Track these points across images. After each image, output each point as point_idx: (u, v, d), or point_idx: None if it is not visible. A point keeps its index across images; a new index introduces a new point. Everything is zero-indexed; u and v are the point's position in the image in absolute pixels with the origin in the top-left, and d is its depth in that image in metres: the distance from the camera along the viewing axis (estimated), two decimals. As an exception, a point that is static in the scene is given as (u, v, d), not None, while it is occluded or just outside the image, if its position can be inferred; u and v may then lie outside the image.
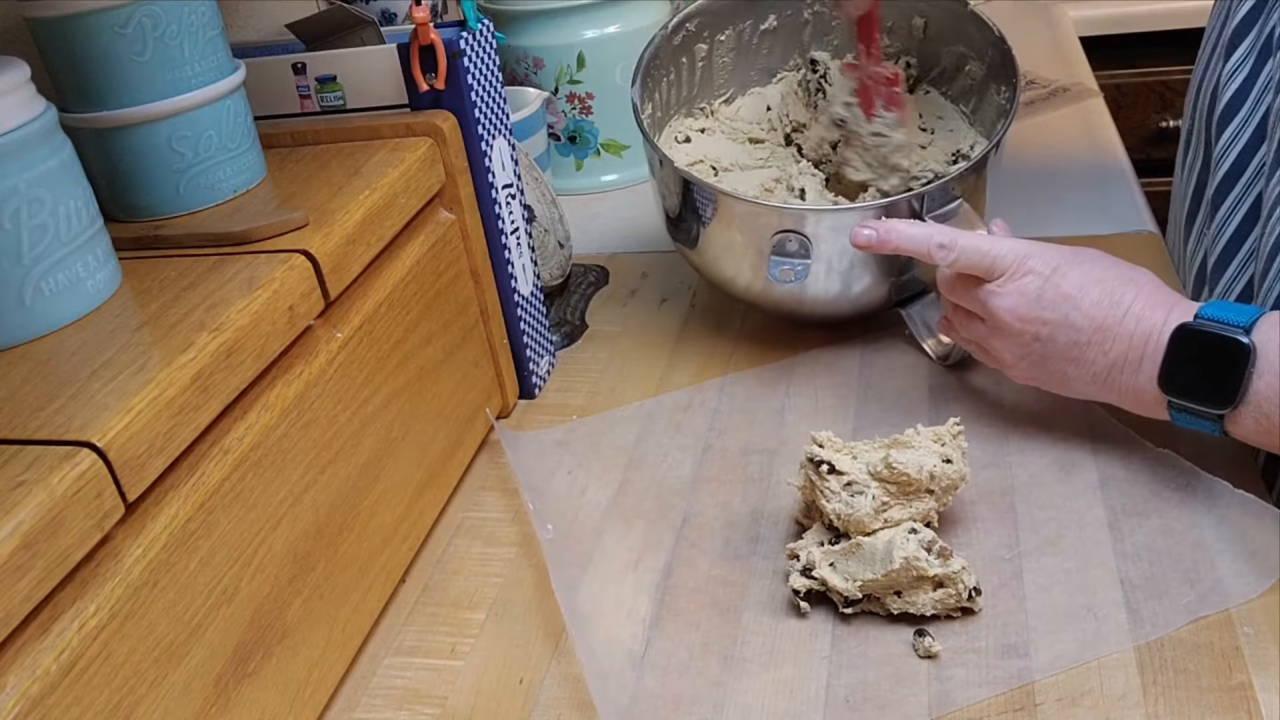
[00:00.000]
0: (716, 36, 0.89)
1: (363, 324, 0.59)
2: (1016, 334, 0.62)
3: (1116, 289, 0.60)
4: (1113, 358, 0.59)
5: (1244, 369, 0.54)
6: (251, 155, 0.63)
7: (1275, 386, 0.54)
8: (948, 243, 0.64)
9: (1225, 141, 0.70)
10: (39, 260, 0.49)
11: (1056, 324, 0.61)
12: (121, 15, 0.55)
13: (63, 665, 0.39)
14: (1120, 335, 0.59)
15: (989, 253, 0.63)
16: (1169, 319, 0.58)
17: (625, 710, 0.53)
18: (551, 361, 0.82)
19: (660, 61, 0.85)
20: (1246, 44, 0.70)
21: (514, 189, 0.74)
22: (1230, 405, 0.55)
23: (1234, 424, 0.56)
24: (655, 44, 0.84)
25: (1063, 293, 0.61)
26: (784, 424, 0.72)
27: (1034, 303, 0.61)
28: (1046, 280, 0.61)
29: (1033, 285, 0.61)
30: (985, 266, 0.63)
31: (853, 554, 0.56)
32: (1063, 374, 0.62)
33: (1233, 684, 0.50)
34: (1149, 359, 0.58)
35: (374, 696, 0.57)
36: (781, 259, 0.72)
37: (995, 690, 0.51)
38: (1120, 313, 0.59)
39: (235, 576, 0.48)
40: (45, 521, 0.38)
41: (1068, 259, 0.62)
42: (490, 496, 0.70)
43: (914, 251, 0.65)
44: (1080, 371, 0.61)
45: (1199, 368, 0.56)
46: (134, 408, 0.43)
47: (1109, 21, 1.51)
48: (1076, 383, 0.62)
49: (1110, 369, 0.60)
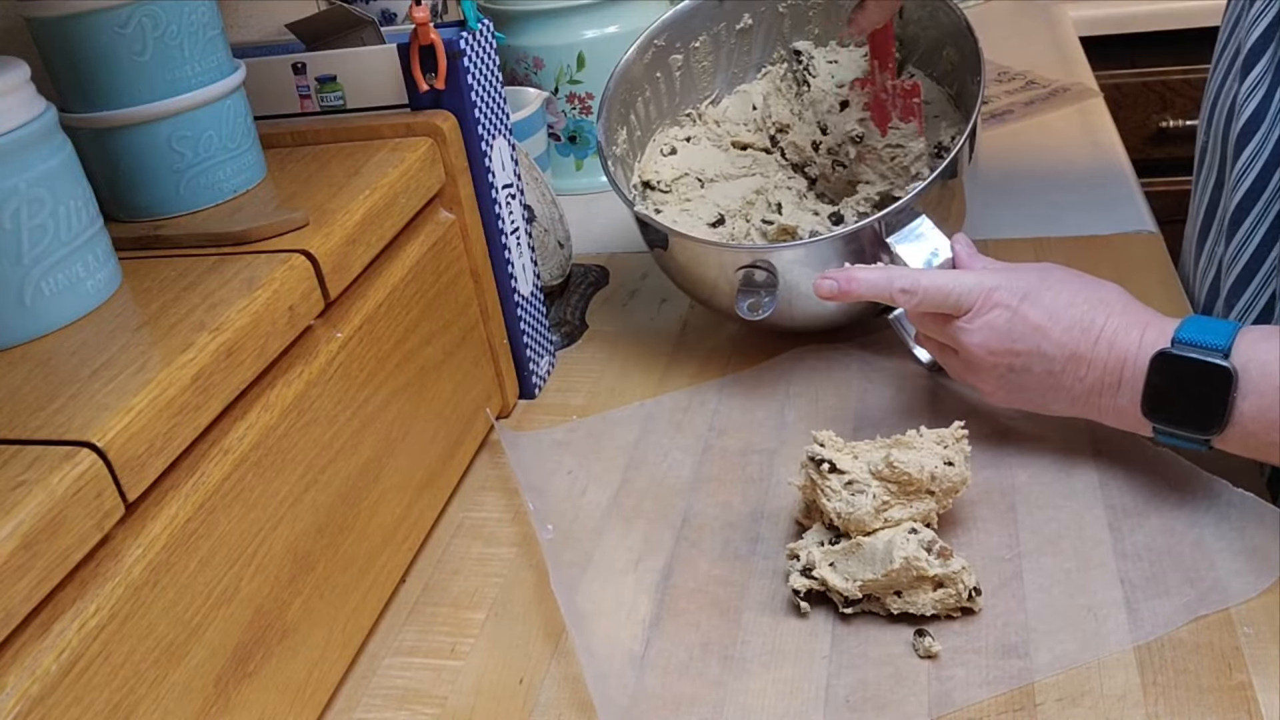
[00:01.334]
0: (690, 44, 0.89)
1: (363, 324, 0.59)
2: (990, 367, 0.62)
3: (1087, 314, 0.59)
4: (1089, 383, 0.59)
5: (1226, 394, 0.54)
6: (251, 155, 0.63)
7: (1260, 406, 0.53)
8: (909, 287, 0.62)
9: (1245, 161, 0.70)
10: (39, 260, 0.49)
11: (1029, 354, 0.60)
12: (121, 15, 0.55)
13: (63, 665, 0.39)
14: (1095, 361, 0.59)
15: (952, 291, 0.62)
16: (1144, 341, 0.57)
17: (625, 710, 0.53)
18: (551, 361, 0.82)
19: (631, 84, 0.85)
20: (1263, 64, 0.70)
21: (514, 189, 0.74)
22: (1217, 430, 0.55)
23: (1222, 444, 0.56)
24: (620, 70, 0.84)
25: (1032, 323, 0.60)
26: (784, 424, 0.72)
27: (1004, 336, 0.61)
28: (1015, 312, 0.60)
29: (1001, 319, 0.61)
30: (951, 305, 0.62)
31: (853, 554, 0.56)
32: (1042, 399, 0.62)
33: (1233, 684, 0.50)
34: (1128, 383, 0.58)
35: (374, 696, 0.57)
36: (749, 293, 0.72)
37: (995, 690, 0.51)
38: (1092, 338, 0.59)
39: (235, 576, 0.48)
40: (45, 521, 0.38)
41: (1034, 285, 0.61)
42: (490, 496, 0.70)
43: (877, 297, 0.64)
44: (1059, 396, 0.61)
45: (1181, 395, 0.56)
46: (134, 408, 0.43)
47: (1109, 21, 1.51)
48: (1057, 405, 0.62)
49: (1089, 393, 0.60)
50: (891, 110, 0.81)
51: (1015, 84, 1.19)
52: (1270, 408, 0.53)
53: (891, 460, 0.56)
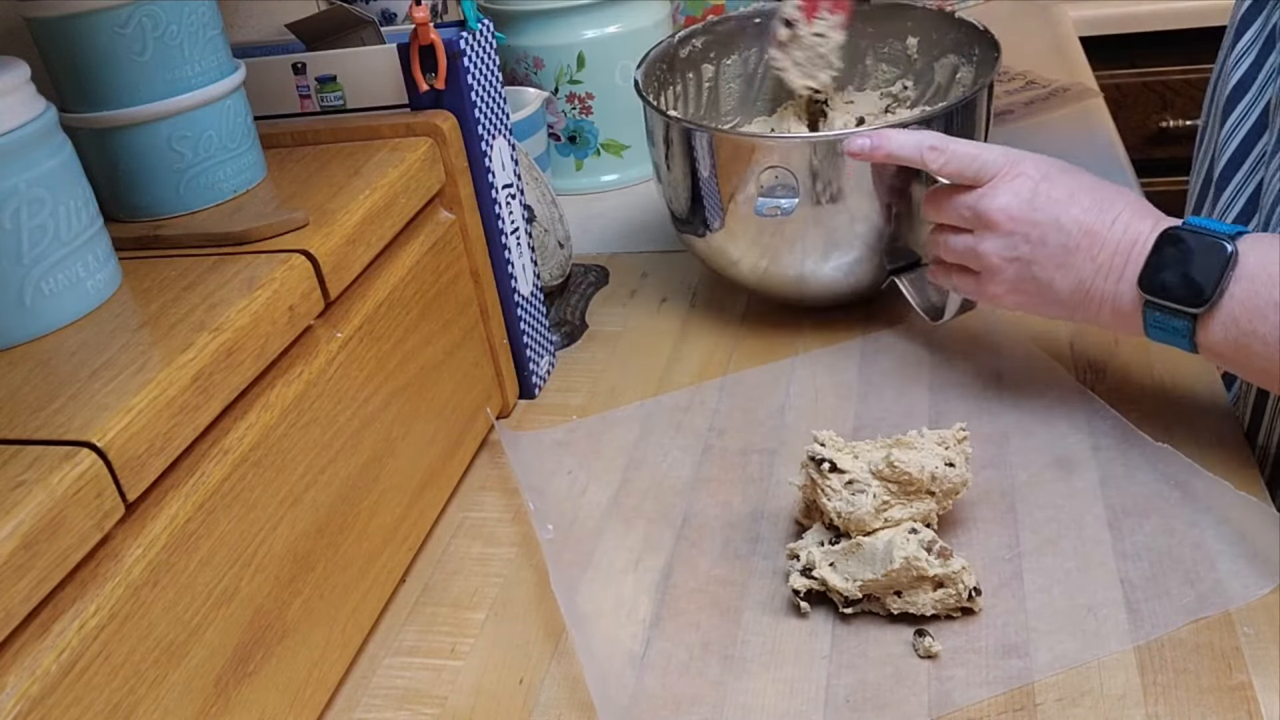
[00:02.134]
0: (724, 60, 0.91)
1: (363, 324, 0.59)
2: (1007, 234, 0.63)
3: (1105, 198, 0.61)
4: (1100, 262, 0.60)
5: (1224, 269, 0.55)
6: (251, 155, 0.63)
7: (1250, 291, 0.55)
8: (939, 145, 0.66)
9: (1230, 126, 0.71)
10: (39, 260, 0.49)
11: (1047, 226, 0.62)
12: (121, 15, 0.55)
13: (63, 665, 0.39)
14: (1108, 241, 0.60)
15: (979, 156, 0.64)
16: (1156, 227, 0.59)
17: (625, 710, 0.53)
18: (551, 361, 0.82)
19: (666, 66, 0.87)
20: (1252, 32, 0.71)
21: (514, 189, 0.74)
22: (1207, 303, 0.56)
23: (1206, 330, 0.56)
24: (662, 47, 0.86)
25: (1053, 197, 0.62)
26: (784, 424, 0.72)
27: (1027, 203, 0.62)
28: (1038, 184, 0.63)
29: (1026, 186, 0.63)
30: (975, 169, 0.64)
31: (853, 554, 0.56)
32: (1049, 281, 0.62)
33: (1233, 684, 0.50)
34: (1133, 263, 0.59)
35: (374, 696, 0.57)
36: (769, 198, 0.74)
37: (995, 690, 0.51)
38: (1109, 219, 0.60)
39: (235, 576, 0.48)
40: (45, 521, 0.38)
41: (1057, 168, 0.64)
42: (490, 496, 0.70)
43: (907, 156, 0.67)
44: (1066, 278, 0.62)
45: (1180, 265, 0.57)
46: (134, 408, 0.43)
47: (1109, 21, 1.51)
48: (1060, 291, 0.62)
49: (1095, 274, 0.61)
50: (821, 3, 0.83)
51: (1015, 84, 1.19)
52: (1259, 294, 0.54)
53: (892, 460, 0.56)
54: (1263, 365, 0.55)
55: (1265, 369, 0.55)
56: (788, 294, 0.81)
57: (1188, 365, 0.70)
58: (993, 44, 0.81)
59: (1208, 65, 0.81)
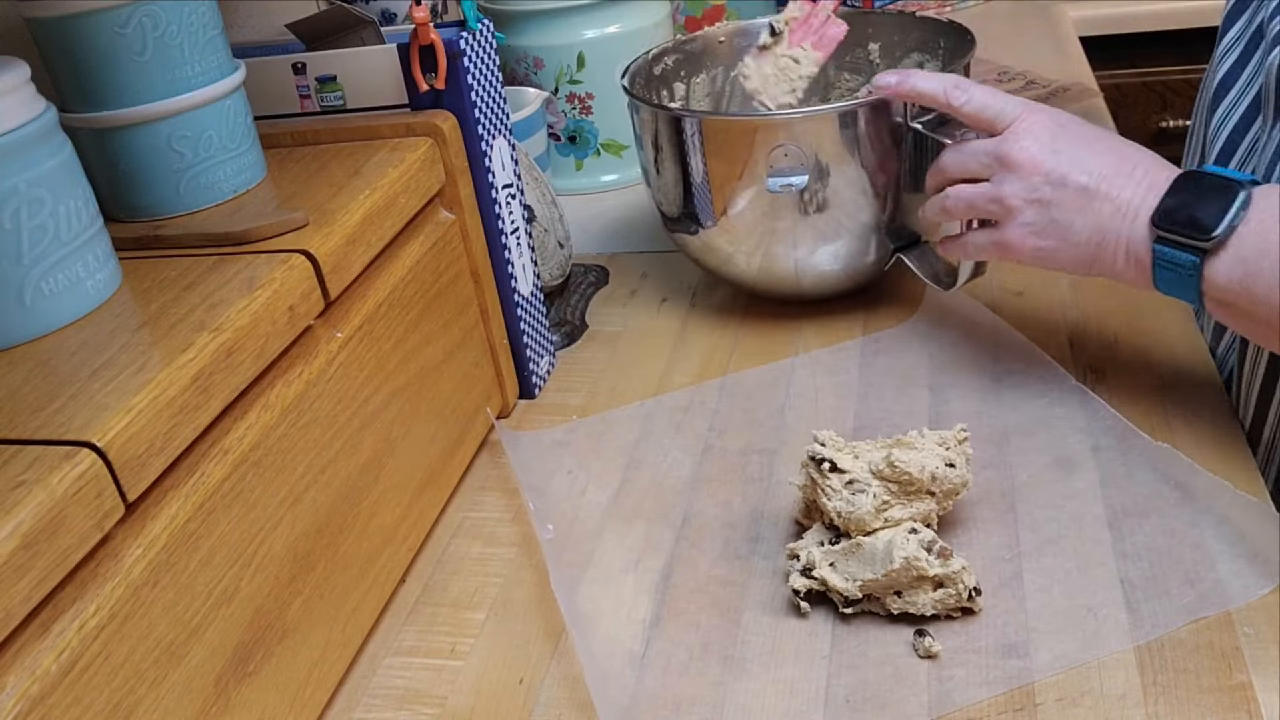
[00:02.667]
0: (693, 78, 0.91)
1: (363, 324, 0.59)
2: (1028, 174, 0.64)
3: (1125, 149, 0.63)
4: (1118, 203, 0.61)
5: (1236, 208, 0.56)
6: (251, 155, 0.63)
7: (1259, 232, 0.55)
8: (963, 84, 0.68)
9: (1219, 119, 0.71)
10: (39, 260, 0.49)
11: (1069, 167, 0.63)
12: (121, 15, 0.55)
13: (63, 665, 0.39)
14: (1129, 182, 0.61)
15: (999, 99, 0.67)
16: (1173, 174, 0.60)
17: (625, 710, 0.53)
18: (551, 361, 0.82)
19: (644, 81, 0.87)
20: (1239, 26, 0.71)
21: (514, 189, 0.74)
22: (1216, 237, 0.56)
23: (1213, 270, 0.57)
24: (639, 62, 0.87)
25: (1074, 141, 0.64)
26: (784, 424, 0.72)
27: (1048, 146, 0.63)
28: (1061, 127, 0.64)
29: (1046, 131, 0.64)
30: (995, 111, 0.66)
31: (853, 554, 0.56)
32: (1068, 223, 0.63)
33: (1233, 684, 0.50)
34: (1148, 203, 0.60)
35: (374, 696, 0.57)
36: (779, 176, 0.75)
37: (995, 690, 0.51)
38: (1129, 167, 0.62)
39: (235, 576, 0.48)
40: (45, 521, 0.38)
41: (1075, 120, 0.65)
42: (490, 496, 0.70)
43: (930, 92, 0.69)
44: (1085, 222, 0.62)
45: (1193, 201, 0.58)
46: (134, 408, 0.43)
47: (1109, 21, 1.51)
48: (1079, 234, 0.62)
49: (1113, 215, 0.61)
50: (809, 35, 0.83)
51: (1015, 84, 1.19)
52: (1269, 235, 0.55)
53: (893, 460, 0.56)
54: (1265, 315, 0.55)
55: (1268, 319, 0.55)
56: (785, 287, 0.81)
57: (1188, 365, 0.70)
58: (963, 33, 0.82)
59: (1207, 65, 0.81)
